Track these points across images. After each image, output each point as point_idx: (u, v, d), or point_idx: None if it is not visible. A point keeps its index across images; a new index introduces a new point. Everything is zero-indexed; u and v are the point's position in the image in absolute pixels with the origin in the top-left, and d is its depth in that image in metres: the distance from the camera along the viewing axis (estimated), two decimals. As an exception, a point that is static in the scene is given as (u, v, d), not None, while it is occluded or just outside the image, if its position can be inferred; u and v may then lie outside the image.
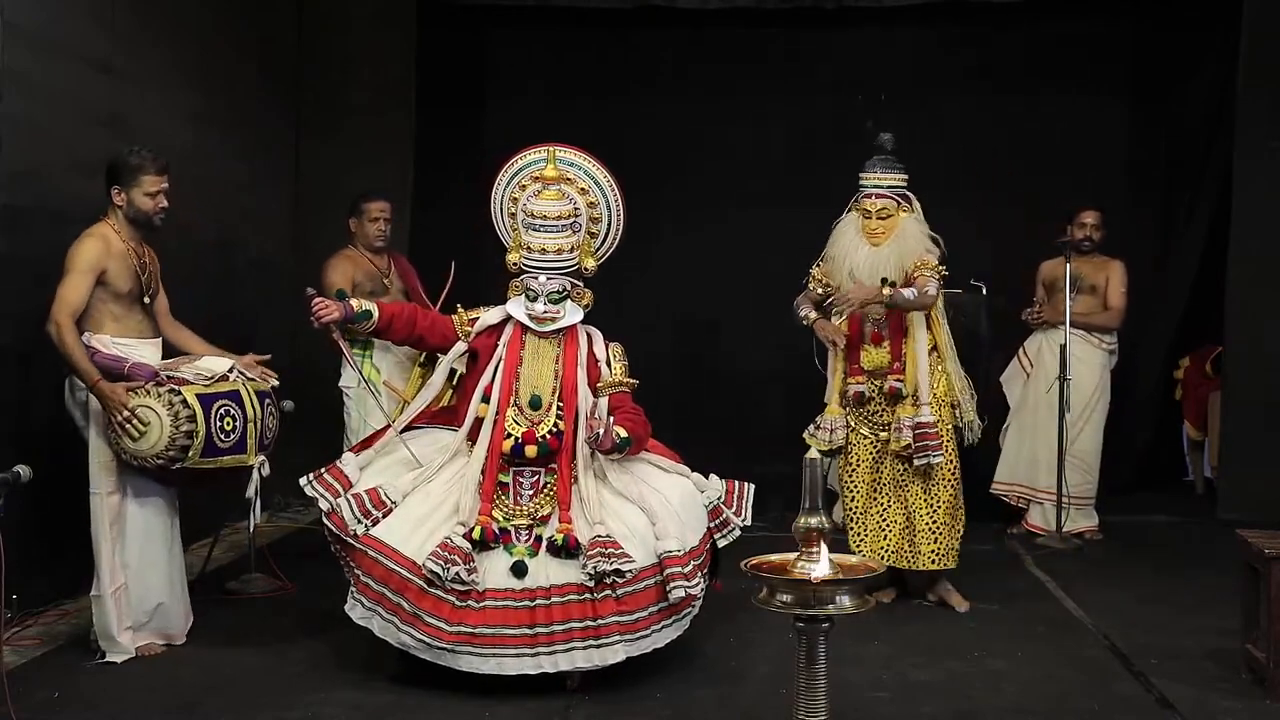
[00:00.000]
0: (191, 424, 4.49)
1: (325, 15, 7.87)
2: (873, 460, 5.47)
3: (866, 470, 5.47)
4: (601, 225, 4.79)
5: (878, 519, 5.45)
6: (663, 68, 8.90)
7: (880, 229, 5.39)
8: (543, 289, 4.63)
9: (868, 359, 5.46)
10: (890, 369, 5.42)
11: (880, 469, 5.46)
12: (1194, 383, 8.22)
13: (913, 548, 5.41)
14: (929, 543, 5.39)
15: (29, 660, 4.66)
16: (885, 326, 5.44)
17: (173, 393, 4.51)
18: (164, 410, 4.47)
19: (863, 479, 5.47)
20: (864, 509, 5.47)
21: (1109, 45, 8.74)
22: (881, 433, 5.45)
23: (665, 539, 4.36)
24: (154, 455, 4.49)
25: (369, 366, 5.95)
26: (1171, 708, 4.26)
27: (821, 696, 3.14)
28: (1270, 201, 7.28)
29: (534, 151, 4.76)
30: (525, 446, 4.51)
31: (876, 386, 5.45)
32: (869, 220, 5.41)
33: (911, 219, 5.45)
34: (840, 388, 5.53)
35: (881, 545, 5.41)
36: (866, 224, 5.42)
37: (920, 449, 5.31)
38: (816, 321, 5.54)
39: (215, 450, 4.57)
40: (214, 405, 4.58)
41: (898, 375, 5.41)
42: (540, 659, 4.23)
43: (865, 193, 5.45)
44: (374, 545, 4.33)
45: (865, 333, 5.47)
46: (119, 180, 4.70)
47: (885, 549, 5.40)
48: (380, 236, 6.27)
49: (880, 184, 5.43)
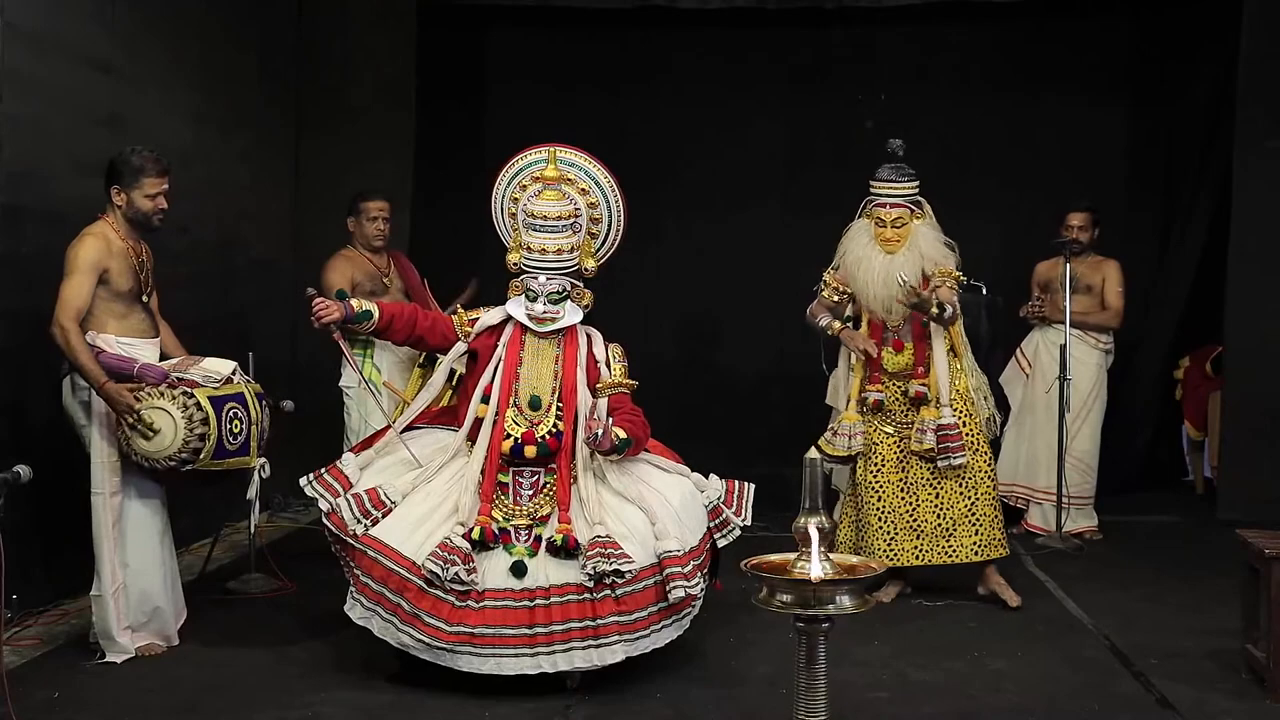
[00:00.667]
0: (205, 426, 4.51)
1: (325, 15, 7.86)
2: (897, 460, 5.45)
3: (893, 470, 5.44)
4: (602, 226, 4.78)
5: (908, 518, 5.42)
6: (663, 68, 8.91)
7: (895, 237, 5.38)
8: (542, 289, 4.63)
9: (889, 363, 5.45)
10: (914, 373, 5.42)
11: (907, 468, 5.45)
12: (1194, 383, 8.21)
13: (949, 543, 5.40)
14: (970, 535, 5.38)
15: (29, 660, 4.66)
16: (906, 334, 5.44)
17: (186, 395, 4.52)
18: (178, 412, 4.48)
19: (889, 479, 5.44)
20: (893, 509, 5.42)
21: (1109, 45, 8.74)
22: (904, 431, 5.43)
23: (665, 539, 4.36)
24: (166, 457, 4.50)
25: (369, 366, 5.96)
26: (1171, 708, 4.26)
27: (821, 696, 3.14)
28: (1270, 201, 7.27)
29: (535, 152, 4.76)
30: (525, 447, 4.51)
31: (899, 390, 5.45)
32: (883, 229, 5.39)
33: (925, 225, 5.44)
34: (858, 394, 5.51)
35: (914, 544, 5.40)
36: (880, 232, 5.40)
37: (943, 450, 5.33)
38: (843, 331, 5.52)
39: (225, 452, 4.59)
40: (224, 407, 4.60)
41: (921, 380, 5.41)
42: (539, 659, 4.23)
43: (878, 201, 5.44)
44: (373, 545, 4.33)
45: (885, 339, 5.46)
46: (120, 180, 4.68)
47: (919, 548, 5.40)
48: (379, 236, 6.27)
49: (894, 193, 5.42)
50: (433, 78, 8.14)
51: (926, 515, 5.42)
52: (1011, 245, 8.04)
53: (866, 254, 5.41)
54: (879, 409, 5.46)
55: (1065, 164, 8.40)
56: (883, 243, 5.39)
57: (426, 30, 7.99)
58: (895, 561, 5.38)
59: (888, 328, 5.47)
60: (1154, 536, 7.08)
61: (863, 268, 5.41)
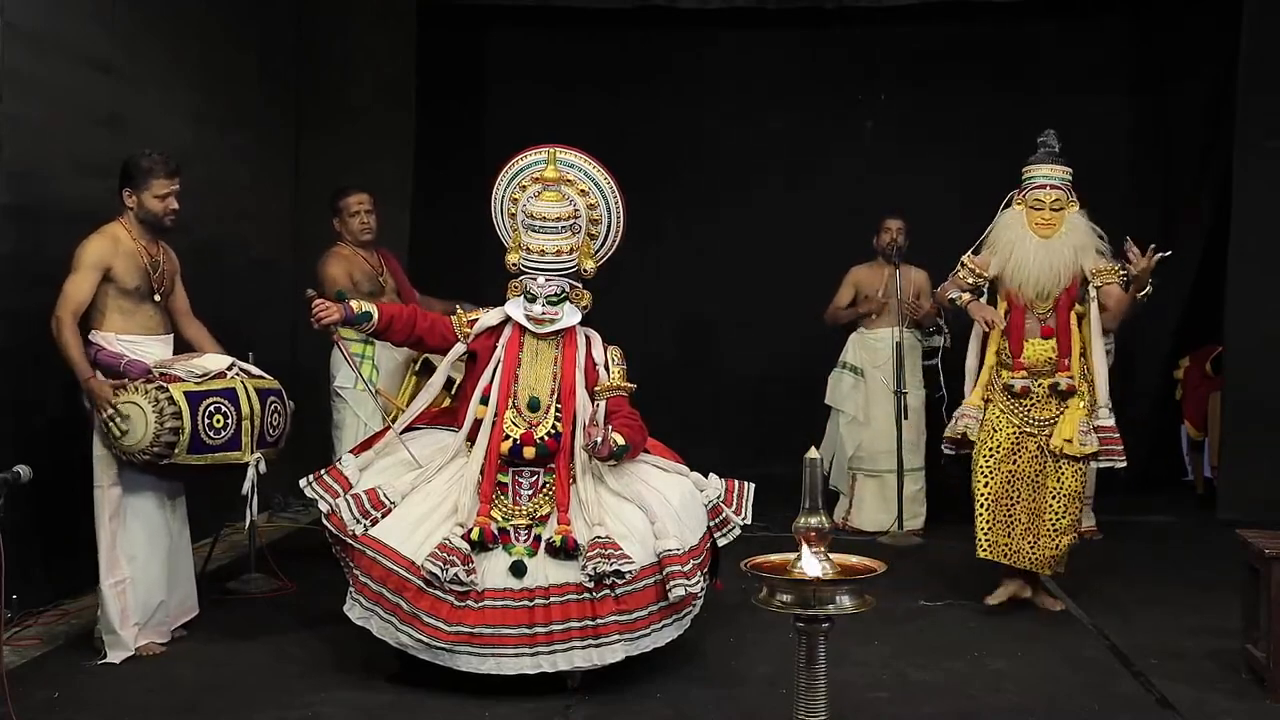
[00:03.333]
0: (177, 420, 4.53)
1: (325, 15, 7.87)
2: (1010, 451, 5.38)
3: (1005, 459, 5.38)
4: (601, 227, 4.78)
5: (1006, 513, 5.39)
6: (663, 67, 8.91)
7: (1054, 220, 5.38)
8: (541, 290, 4.62)
9: (1031, 352, 5.39)
10: (1058, 366, 5.37)
11: (1018, 461, 5.39)
12: (1194, 383, 8.21)
13: (1033, 547, 5.37)
14: (1051, 547, 5.36)
15: (29, 660, 4.66)
16: (1054, 320, 5.40)
17: (160, 390, 4.55)
18: (149, 407, 4.51)
19: (1001, 469, 5.37)
20: (996, 498, 5.37)
21: (1109, 44, 8.75)
22: (1028, 427, 5.38)
23: (664, 538, 4.36)
24: (139, 450, 4.54)
25: (369, 366, 5.95)
26: (1171, 708, 4.26)
27: (821, 696, 3.14)
28: (1270, 201, 7.27)
29: (534, 152, 4.75)
30: (524, 448, 4.51)
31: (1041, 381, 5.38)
32: (1041, 211, 5.38)
33: (1078, 213, 5.45)
34: (989, 379, 5.47)
35: (1005, 542, 5.37)
36: (1037, 215, 5.38)
37: (1106, 453, 5.35)
38: (971, 303, 5.47)
39: (204, 447, 4.61)
40: (203, 403, 4.61)
41: (1066, 373, 5.36)
42: (539, 658, 4.23)
43: (1037, 184, 5.42)
44: (372, 545, 4.33)
45: (1029, 327, 5.40)
46: (130, 182, 4.75)
47: (1009, 546, 5.37)
48: (366, 229, 6.21)
49: (1052, 176, 5.43)
50: (433, 78, 8.14)
51: (1020, 515, 5.38)
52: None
53: (1021, 236, 5.39)
54: (1025, 395, 5.38)
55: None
56: (1038, 226, 5.38)
57: (426, 30, 7.99)
58: (1007, 560, 5.37)
59: (1033, 314, 5.42)
60: (1154, 536, 7.08)
61: (1017, 250, 5.38)
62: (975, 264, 5.51)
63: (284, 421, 4.96)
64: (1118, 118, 8.68)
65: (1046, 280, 5.35)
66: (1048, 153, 5.49)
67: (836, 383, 7.24)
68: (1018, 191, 5.49)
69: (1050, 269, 5.33)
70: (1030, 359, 5.38)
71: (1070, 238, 5.38)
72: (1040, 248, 5.35)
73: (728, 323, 8.93)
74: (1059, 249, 5.35)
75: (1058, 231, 5.37)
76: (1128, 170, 8.67)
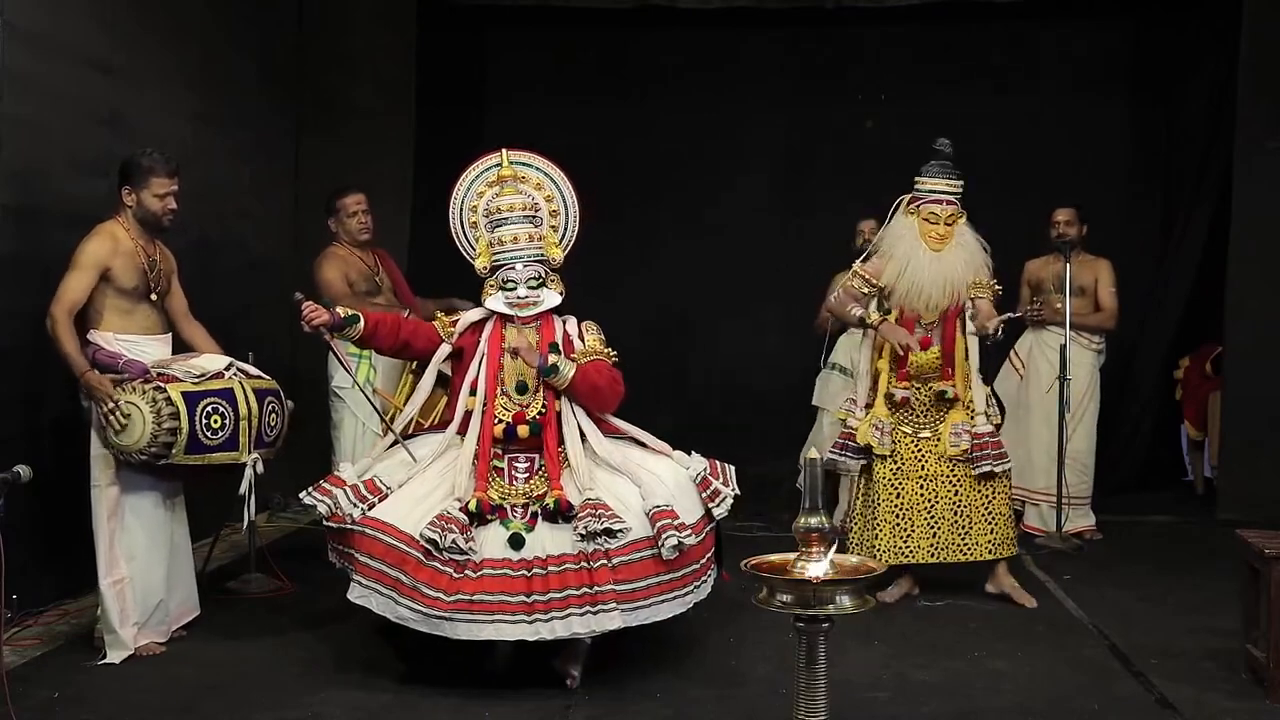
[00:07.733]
0: (175, 421, 4.53)
1: (325, 15, 7.87)
2: (915, 457, 5.45)
3: (912, 467, 5.44)
4: (560, 218, 4.93)
5: (925, 515, 5.43)
6: (663, 68, 8.92)
7: (948, 234, 5.40)
8: (519, 276, 4.73)
9: (915, 363, 5.44)
10: (942, 374, 5.43)
11: (925, 465, 5.45)
12: (1194, 383, 8.22)
13: (965, 541, 5.43)
14: (985, 533, 5.42)
15: (29, 660, 4.66)
16: (936, 333, 5.45)
17: (158, 390, 4.55)
18: (147, 407, 4.51)
19: (908, 476, 5.44)
20: (910, 505, 5.43)
21: (1109, 45, 8.75)
22: (922, 432, 5.45)
23: (653, 497, 4.41)
24: (137, 450, 4.53)
25: (367, 367, 5.95)
26: (1171, 708, 4.25)
27: (821, 696, 3.14)
28: (1270, 201, 7.28)
29: (486, 159, 4.94)
30: (517, 428, 4.60)
31: (926, 390, 5.45)
32: (935, 225, 5.40)
33: (967, 226, 5.47)
34: (885, 390, 5.51)
35: (930, 542, 5.42)
36: (931, 229, 5.40)
37: (981, 458, 5.38)
38: (884, 324, 5.46)
39: (201, 448, 4.61)
40: (200, 403, 4.61)
41: (948, 380, 5.42)
42: (538, 625, 4.23)
43: (933, 198, 5.43)
44: (372, 524, 4.37)
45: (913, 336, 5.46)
46: (130, 181, 4.76)
47: (935, 546, 5.42)
48: (363, 229, 6.23)
49: (949, 191, 5.43)
50: (433, 78, 8.14)
51: (944, 513, 5.43)
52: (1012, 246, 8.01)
53: (914, 250, 5.41)
54: (905, 406, 5.46)
55: (1065, 164, 8.40)
56: (932, 240, 5.40)
57: (427, 32, 8.00)
58: (909, 559, 5.42)
59: (920, 324, 5.46)
60: (1154, 536, 7.08)
61: (911, 264, 5.40)
62: (868, 273, 5.56)
63: (282, 422, 4.96)
64: (1118, 118, 8.68)
65: (939, 295, 5.39)
66: (942, 166, 5.48)
67: (825, 383, 7.21)
68: (909, 200, 5.49)
69: (944, 283, 5.37)
70: (914, 367, 5.44)
71: (961, 252, 5.41)
72: (934, 261, 5.39)
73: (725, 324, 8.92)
74: (952, 263, 5.38)
75: (949, 245, 5.40)
76: (1128, 170, 8.68)
